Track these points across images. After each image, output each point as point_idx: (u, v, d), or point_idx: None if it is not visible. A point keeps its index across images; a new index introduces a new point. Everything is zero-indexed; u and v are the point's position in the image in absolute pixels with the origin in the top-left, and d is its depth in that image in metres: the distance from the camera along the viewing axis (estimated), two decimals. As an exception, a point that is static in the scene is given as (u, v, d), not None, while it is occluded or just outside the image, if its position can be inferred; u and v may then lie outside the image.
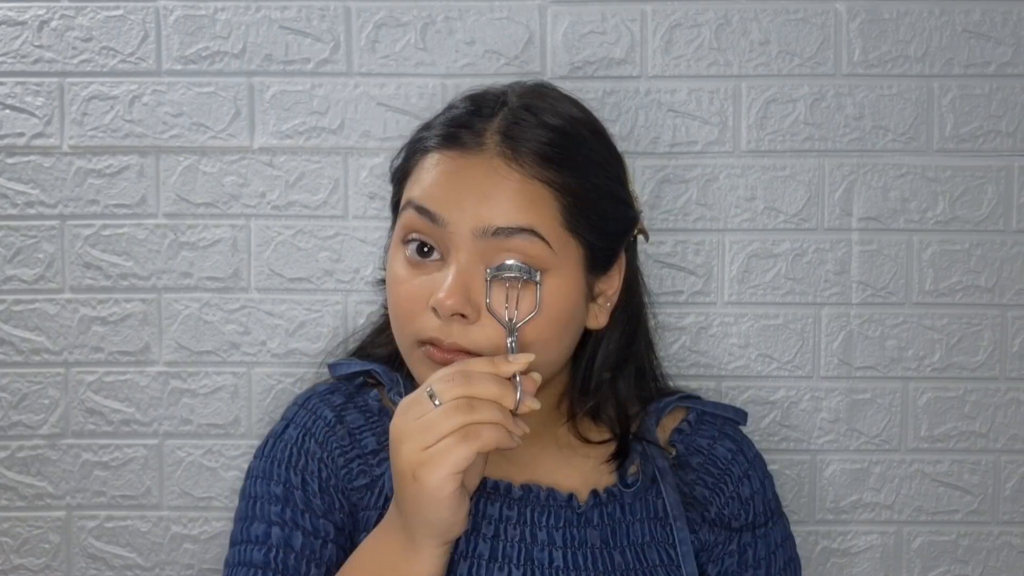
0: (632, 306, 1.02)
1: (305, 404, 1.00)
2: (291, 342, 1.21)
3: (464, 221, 0.88)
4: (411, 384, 0.97)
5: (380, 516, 0.92)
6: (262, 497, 0.95)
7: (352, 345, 1.12)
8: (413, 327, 0.90)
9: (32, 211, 1.20)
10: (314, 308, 1.20)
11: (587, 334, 0.98)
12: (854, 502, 1.22)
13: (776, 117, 1.19)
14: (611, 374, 1.00)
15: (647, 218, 1.19)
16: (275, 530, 0.93)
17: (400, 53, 1.19)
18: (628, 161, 1.17)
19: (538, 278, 0.89)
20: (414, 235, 0.91)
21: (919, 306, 1.21)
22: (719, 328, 1.21)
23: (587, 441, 0.99)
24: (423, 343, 0.90)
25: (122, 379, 1.21)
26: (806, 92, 1.19)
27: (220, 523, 1.21)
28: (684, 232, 1.20)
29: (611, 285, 0.97)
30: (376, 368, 1.01)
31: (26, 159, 1.19)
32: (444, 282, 0.88)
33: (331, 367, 1.05)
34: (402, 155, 0.98)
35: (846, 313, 1.21)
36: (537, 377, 0.86)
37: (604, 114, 1.17)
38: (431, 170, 0.92)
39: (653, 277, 1.19)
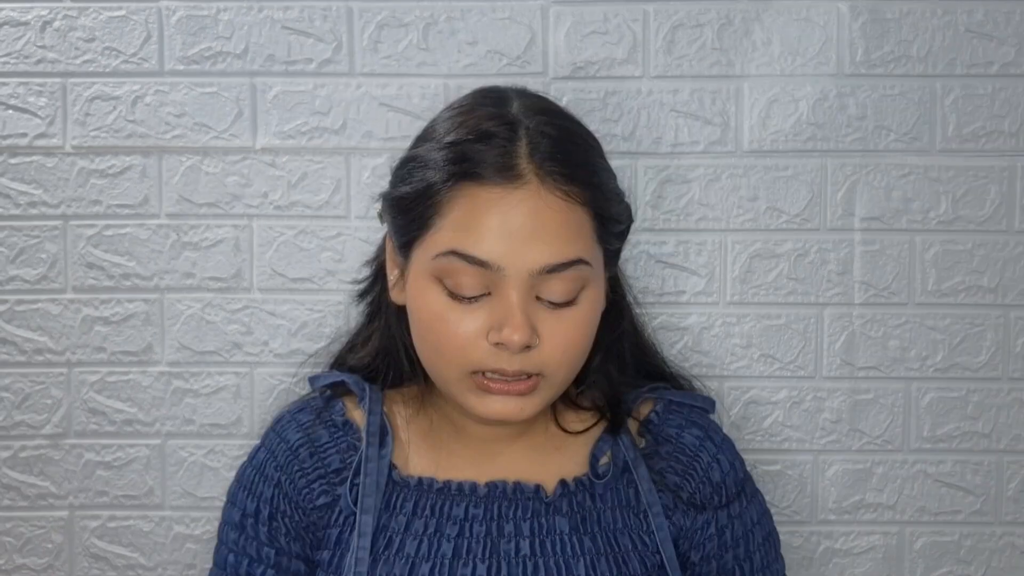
0: (617, 287, 1.05)
1: (275, 426, 1.04)
2: (293, 342, 1.21)
3: (519, 264, 0.90)
4: (379, 395, 1.02)
5: (340, 534, 0.97)
6: (227, 523, 1.02)
7: (337, 347, 1.13)
8: (468, 360, 0.91)
9: (35, 211, 1.20)
10: (316, 308, 1.21)
11: None
12: (856, 502, 1.22)
13: (778, 117, 1.19)
14: (601, 353, 1.02)
15: (649, 218, 1.19)
16: (231, 557, 1.01)
17: (402, 53, 1.19)
18: (630, 161, 1.18)
19: None
20: (453, 282, 0.91)
21: (922, 306, 1.20)
22: (721, 328, 1.21)
23: (569, 432, 1.01)
24: (475, 372, 0.92)
25: (124, 379, 1.21)
26: (808, 92, 1.19)
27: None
28: (686, 232, 1.20)
29: (611, 274, 1.02)
30: (346, 378, 1.04)
31: (29, 159, 1.20)
32: (505, 317, 0.90)
33: (310, 380, 1.08)
34: (408, 186, 0.94)
35: (848, 313, 1.20)
36: None
37: (606, 114, 1.18)
38: (470, 213, 0.90)
39: (655, 277, 1.20)
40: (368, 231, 1.19)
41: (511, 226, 0.89)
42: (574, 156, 0.93)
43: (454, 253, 0.90)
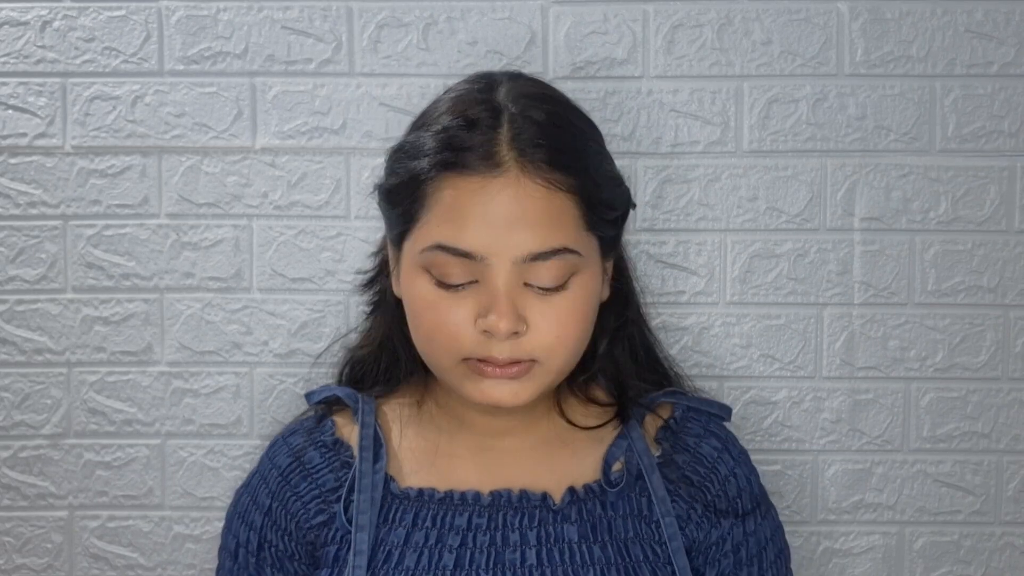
0: (623, 275, 1.04)
1: (269, 450, 1.04)
2: (293, 342, 1.21)
3: (502, 253, 0.89)
4: (372, 406, 1.01)
5: (337, 551, 0.96)
6: (224, 548, 1.03)
7: (346, 346, 1.12)
8: (459, 348, 0.91)
9: (35, 211, 1.20)
10: (316, 308, 1.21)
11: None
12: (856, 502, 1.22)
13: (778, 117, 1.19)
14: (608, 340, 1.02)
15: (650, 218, 1.19)
16: None
17: (402, 53, 1.19)
18: (630, 161, 1.18)
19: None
20: (441, 273, 0.91)
21: (921, 306, 1.21)
22: (721, 328, 1.21)
23: (577, 427, 0.99)
24: (468, 359, 0.91)
25: (124, 379, 1.21)
26: (808, 92, 1.19)
27: (222, 523, 1.20)
28: (686, 232, 1.20)
29: (610, 261, 1.00)
30: (339, 392, 1.03)
31: (29, 159, 1.20)
32: (491, 304, 0.89)
33: (306, 396, 1.07)
34: (396, 177, 0.94)
35: (848, 313, 1.21)
36: None
37: (606, 114, 1.18)
38: (452, 205, 0.90)
39: (655, 277, 1.19)
40: (368, 231, 1.19)
41: (493, 215, 0.89)
42: (559, 142, 0.92)
43: (439, 247, 0.90)
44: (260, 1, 1.18)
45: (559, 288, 0.91)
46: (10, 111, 1.19)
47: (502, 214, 0.89)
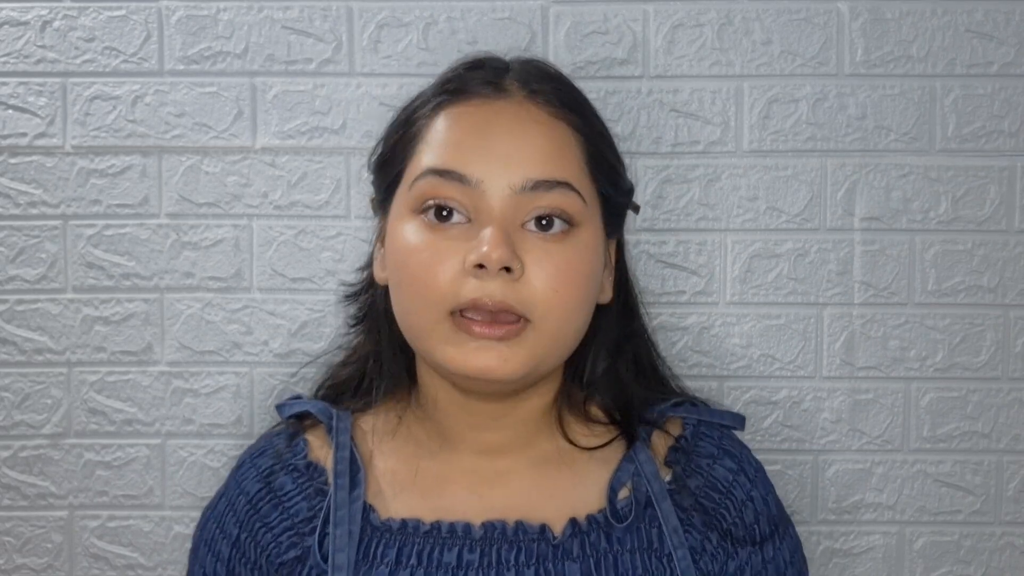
0: (627, 284, 1.00)
1: (236, 473, 0.96)
2: (293, 342, 1.21)
3: (500, 179, 0.83)
4: (348, 423, 0.92)
5: None
6: (191, 574, 0.96)
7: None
8: (446, 294, 0.82)
9: (35, 211, 1.20)
10: (316, 308, 1.21)
11: None
12: (856, 502, 1.22)
13: (778, 117, 1.19)
14: (611, 354, 0.95)
15: (650, 218, 1.19)
16: None
17: (402, 53, 1.19)
18: (630, 161, 1.18)
19: None
20: (433, 201, 0.84)
21: (921, 306, 1.21)
22: (721, 328, 1.21)
23: (580, 447, 0.91)
24: (454, 313, 0.82)
25: (124, 379, 1.21)
26: (808, 92, 1.19)
27: (222, 523, 1.21)
28: (686, 232, 1.20)
29: (612, 254, 0.96)
30: (311, 408, 0.95)
31: (29, 159, 1.20)
32: (482, 238, 0.81)
33: (277, 408, 1.01)
34: (394, 136, 0.92)
35: (848, 313, 1.21)
36: None
37: (607, 114, 1.17)
38: (449, 129, 0.86)
39: (655, 277, 1.20)
40: (368, 231, 1.19)
41: (492, 139, 0.84)
42: (564, 87, 0.91)
43: (432, 171, 0.84)
44: (260, 1, 1.18)
45: (559, 239, 0.84)
46: (10, 111, 1.19)
47: (502, 138, 0.84)
